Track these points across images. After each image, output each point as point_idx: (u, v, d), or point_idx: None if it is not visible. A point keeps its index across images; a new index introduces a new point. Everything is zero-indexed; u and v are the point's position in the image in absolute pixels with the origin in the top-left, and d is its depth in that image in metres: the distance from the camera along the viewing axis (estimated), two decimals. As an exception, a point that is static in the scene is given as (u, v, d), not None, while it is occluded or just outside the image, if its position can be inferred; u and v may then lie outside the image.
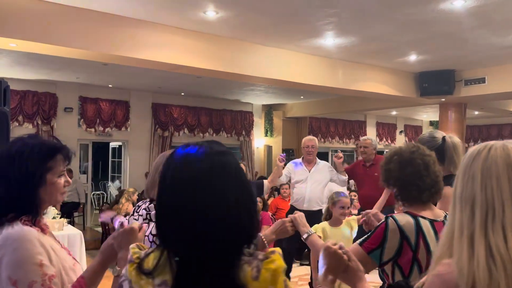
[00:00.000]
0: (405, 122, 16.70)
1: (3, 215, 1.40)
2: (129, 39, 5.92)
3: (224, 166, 1.04)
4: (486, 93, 8.99)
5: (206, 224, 0.99)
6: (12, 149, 1.45)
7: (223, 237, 0.99)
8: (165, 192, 1.06)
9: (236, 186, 1.04)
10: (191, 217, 0.99)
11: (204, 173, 1.02)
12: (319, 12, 5.64)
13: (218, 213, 0.99)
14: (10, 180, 1.41)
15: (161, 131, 11.47)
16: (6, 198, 1.41)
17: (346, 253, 1.33)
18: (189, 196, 1.00)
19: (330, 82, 8.25)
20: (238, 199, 1.02)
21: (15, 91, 9.23)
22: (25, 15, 5.14)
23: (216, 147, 1.08)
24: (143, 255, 1.08)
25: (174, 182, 1.04)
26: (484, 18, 5.82)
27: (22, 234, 1.35)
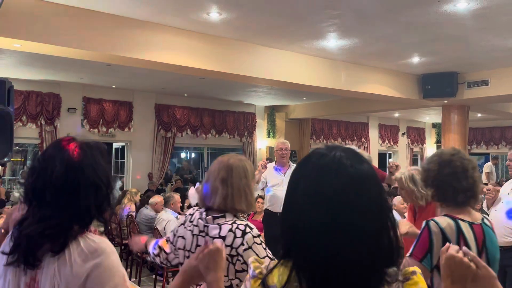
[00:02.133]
0: (408, 124, 16.68)
1: (71, 228, 1.28)
2: (133, 40, 5.95)
3: (366, 179, 0.96)
4: (489, 95, 8.97)
5: (346, 246, 0.90)
6: (85, 153, 1.34)
7: (365, 261, 0.90)
8: (297, 205, 0.97)
9: (377, 202, 0.95)
10: (329, 237, 0.91)
11: (344, 188, 0.93)
12: (322, 13, 5.65)
13: (359, 234, 0.91)
14: (99, 186, 1.32)
15: (164, 132, 11.50)
16: (92, 206, 1.31)
17: (473, 260, 1.17)
18: (328, 214, 0.92)
19: (333, 84, 8.26)
20: (380, 217, 0.94)
21: (19, 91, 9.26)
22: (29, 16, 5.17)
23: (354, 157, 0.99)
24: (265, 270, 1.01)
25: (309, 196, 0.95)
26: (487, 20, 5.81)
27: (107, 245, 1.29)
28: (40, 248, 1.26)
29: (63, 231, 1.26)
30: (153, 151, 11.36)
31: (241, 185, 1.95)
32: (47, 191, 1.29)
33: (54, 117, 9.94)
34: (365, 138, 15.26)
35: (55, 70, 8.55)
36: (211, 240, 1.85)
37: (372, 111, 13.02)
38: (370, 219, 0.92)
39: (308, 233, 0.93)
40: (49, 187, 1.29)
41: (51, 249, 1.25)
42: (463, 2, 5.18)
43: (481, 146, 16.81)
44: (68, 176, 1.29)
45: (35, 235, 1.26)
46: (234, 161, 2.00)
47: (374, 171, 0.99)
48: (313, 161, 0.99)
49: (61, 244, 1.25)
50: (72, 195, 1.29)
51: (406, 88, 9.33)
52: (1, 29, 4.04)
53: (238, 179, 1.95)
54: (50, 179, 1.29)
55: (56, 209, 1.28)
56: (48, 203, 1.29)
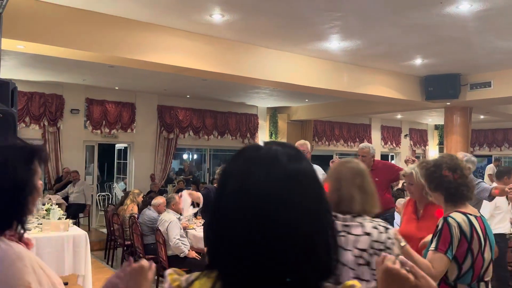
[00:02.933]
0: (410, 126, 16.65)
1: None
2: (135, 42, 5.96)
3: (304, 177, 0.83)
4: (492, 97, 8.96)
5: (277, 255, 0.78)
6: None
7: (297, 273, 0.78)
8: (223, 208, 0.84)
9: (315, 205, 0.83)
10: (257, 245, 0.78)
11: (277, 186, 0.80)
12: (325, 15, 5.66)
13: (293, 242, 0.78)
14: (2, 189, 1.26)
15: (167, 133, 11.52)
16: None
17: (412, 270, 1.03)
18: (256, 217, 0.79)
19: (335, 86, 8.26)
20: (318, 222, 0.82)
21: (22, 92, 9.30)
22: (32, 18, 5.19)
23: (292, 152, 0.86)
24: (184, 283, 0.90)
25: (236, 196, 0.82)
26: (490, 22, 5.81)
27: (11, 253, 1.22)
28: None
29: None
30: (156, 152, 11.38)
31: (373, 189, 2.03)
32: None
33: (57, 118, 9.97)
34: (367, 139, 15.24)
35: (58, 71, 8.58)
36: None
37: (375, 112, 13.01)
38: (306, 224, 0.80)
39: (233, 240, 0.79)
40: None
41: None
42: (466, 4, 5.18)
43: (484, 148, 16.77)
44: None
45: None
46: (363, 166, 2.08)
47: (314, 171, 0.86)
48: (244, 156, 0.86)
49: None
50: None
51: (408, 89, 9.32)
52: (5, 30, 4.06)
53: (371, 184, 2.03)
54: None
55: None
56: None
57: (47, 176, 9.97)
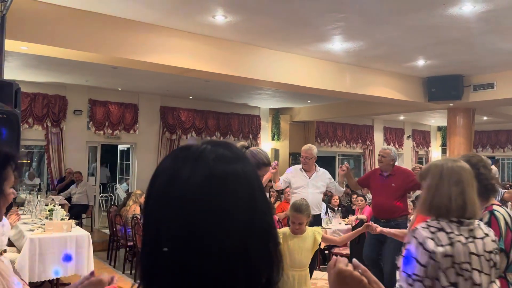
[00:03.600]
0: (413, 127, 16.62)
1: None
2: (138, 43, 5.98)
3: (233, 178, 0.73)
4: (495, 98, 8.94)
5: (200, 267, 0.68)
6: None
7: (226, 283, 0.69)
8: (148, 211, 0.75)
9: (246, 211, 0.72)
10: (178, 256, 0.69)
11: (199, 188, 0.70)
12: (327, 16, 5.66)
13: (218, 252, 0.69)
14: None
15: (169, 134, 11.53)
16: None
17: (364, 274, 0.97)
18: (177, 222, 0.70)
19: (338, 87, 8.25)
20: (247, 234, 0.71)
21: (26, 93, 9.33)
22: (36, 19, 5.21)
23: (225, 151, 0.76)
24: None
25: (159, 197, 0.73)
26: (493, 23, 5.80)
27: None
28: None
29: None
30: (158, 153, 11.39)
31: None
32: None
33: (60, 119, 10.00)
34: (370, 141, 15.23)
35: (61, 72, 8.61)
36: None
37: (377, 114, 12.99)
38: (234, 235, 0.69)
39: (153, 251, 0.70)
40: None
41: None
42: (469, 5, 5.17)
43: (487, 149, 16.72)
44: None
45: None
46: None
47: (253, 177, 0.75)
48: (173, 154, 0.77)
49: None
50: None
51: (411, 91, 9.31)
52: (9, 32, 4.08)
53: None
54: None
55: None
56: None
57: (49, 176, 9.99)
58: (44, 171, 10.55)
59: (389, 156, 5.04)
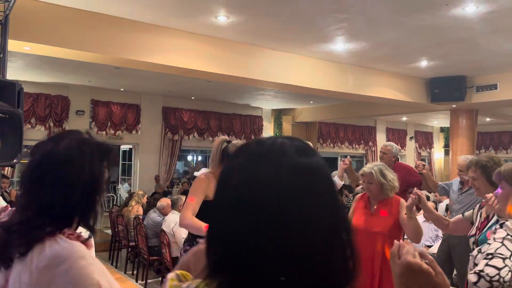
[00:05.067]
0: (416, 128, 16.59)
1: (41, 228, 1.11)
2: (141, 43, 5.98)
3: (317, 172, 0.71)
4: (498, 99, 8.91)
5: (282, 263, 0.66)
6: (65, 148, 1.19)
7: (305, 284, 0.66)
8: (224, 209, 0.72)
9: (330, 206, 0.70)
10: (261, 252, 0.67)
11: (285, 184, 0.68)
12: (330, 17, 5.65)
13: (303, 250, 0.67)
14: (72, 185, 1.16)
15: (171, 135, 11.54)
16: (61, 206, 1.15)
17: (431, 264, 0.91)
18: (261, 220, 0.67)
19: (340, 87, 8.24)
20: (334, 227, 0.69)
21: (28, 93, 9.36)
22: (38, 19, 5.22)
23: (301, 145, 0.74)
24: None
25: (239, 195, 0.71)
26: (496, 24, 5.78)
27: (74, 250, 1.11)
28: (9, 245, 1.12)
29: (29, 228, 1.11)
30: (160, 153, 11.40)
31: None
32: (23, 179, 1.21)
33: (62, 119, 10.01)
34: (372, 142, 15.20)
35: (63, 72, 8.63)
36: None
37: (380, 114, 12.98)
38: (321, 227, 0.68)
39: (235, 246, 0.69)
40: (25, 174, 1.20)
41: (17, 250, 1.10)
42: (472, 5, 5.16)
43: (490, 150, 16.67)
44: (40, 164, 1.18)
45: (5, 228, 1.14)
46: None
47: (327, 167, 0.74)
48: (247, 151, 0.75)
49: (25, 244, 1.10)
50: (36, 186, 1.16)
51: (414, 92, 9.29)
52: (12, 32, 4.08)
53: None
54: (28, 165, 1.20)
55: (26, 201, 1.17)
56: (22, 193, 1.19)
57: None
58: (46, 171, 10.56)
59: (391, 153, 5.01)
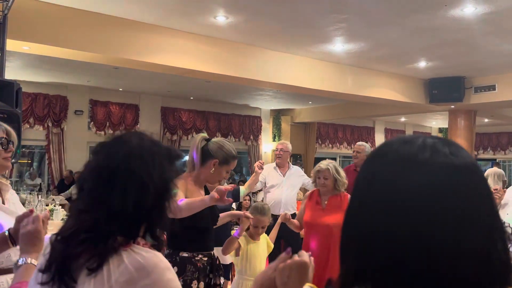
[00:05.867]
0: (414, 129, 16.60)
1: (112, 237, 1.00)
2: (140, 43, 5.98)
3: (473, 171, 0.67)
4: (496, 100, 8.93)
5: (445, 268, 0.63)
6: (139, 148, 1.09)
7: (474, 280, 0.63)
8: (370, 212, 0.68)
9: (486, 207, 0.66)
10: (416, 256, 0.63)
11: (441, 186, 0.65)
12: (329, 17, 5.66)
13: (465, 253, 0.63)
14: (146, 188, 1.04)
15: (170, 135, 11.54)
16: (134, 212, 1.03)
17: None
18: (416, 223, 0.64)
19: (339, 88, 8.25)
20: (490, 228, 0.65)
21: (27, 93, 9.34)
22: (37, 19, 5.21)
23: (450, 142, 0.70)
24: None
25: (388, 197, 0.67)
26: (495, 25, 5.79)
27: (159, 261, 1.02)
28: (69, 258, 0.99)
29: (99, 237, 0.99)
30: (159, 153, 11.39)
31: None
32: (85, 180, 1.08)
33: (61, 119, 10.00)
34: (371, 142, 15.21)
35: (62, 72, 8.62)
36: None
37: (378, 115, 12.99)
38: (477, 232, 0.64)
39: (387, 251, 0.65)
40: (87, 175, 1.08)
41: (86, 265, 0.98)
42: (471, 6, 5.17)
43: (488, 151, 16.71)
44: (108, 163, 1.06)
45: (68, 238, 1.01)
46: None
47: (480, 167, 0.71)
48: (393, 149, 0.71)
49: (98, 257, 0.98)
50: (104, 189, 1.04)
51: (412, 92, 9.30)
52: (10, 31, 4.07)
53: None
54: (92, 165, 1.09)
55: (89, 205, 1.04)
56: (86, 195, 1.06)
57: (50, 177, 9.99)
58: (44, 171, 10.55)
59: (364, 152, 5.18)
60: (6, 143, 1.80)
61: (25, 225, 1.36)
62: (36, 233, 1.35)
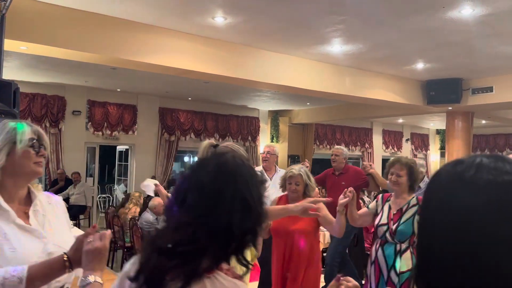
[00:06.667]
0: (412, 130, 16.64)
1: (205, 254, 1.01)
2: (138, 44, 5.97)
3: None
4: (494, 102, 8.95)
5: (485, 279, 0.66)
6: (240, 168, 1.13)
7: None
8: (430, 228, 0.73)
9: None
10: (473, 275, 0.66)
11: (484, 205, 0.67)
12: (327, 19, 5.67)
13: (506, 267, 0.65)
14: (249, 208, 1.07)
15: (168, 136, 11.52)
16: (237, 230, 1.05)
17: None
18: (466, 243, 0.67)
19: (337, 89, 8.26)
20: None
21: (24, 93, 9.32)
22: (35, 19, 5.20)
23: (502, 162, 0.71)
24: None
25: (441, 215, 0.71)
26: (493, 27, 5.81)
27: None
28: (163, 273, 1.00)
29: (196, 252, 1.00)
30: (157, 154, 11.38)
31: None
32: (189, 192, 1.09)
33: (58, 119, 9.98)
34: (368, 143, 15.24)
35: (60, 73, 8.60)
36: None
37: (376, 116, 13.01)
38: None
39: (445, 267, 0.68)
40: (192, 189, 1.09)
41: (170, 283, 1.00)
42: (468, 8, 5.18)
43: (485, 152, 16.73)
44: (216, 179, 1.09)
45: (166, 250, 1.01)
46: None
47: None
48: (446, 169, 0.75)
49: (183, 278, 0.99)
50: (211, 204, 1.06)
51: (410, 94, 9.32)
52: (8, 31, 4.07)
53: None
54: (196, 180, 1.11)
55: (194, 218, 1.04)
56: (188, 207, 1.07)
57: (47, 177, 9.97)
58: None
59: (342, 155, 5.26)
60: (37, 146, 1.60)
61: (91, 241, 1.34)
62: (104, 251, 1.34)
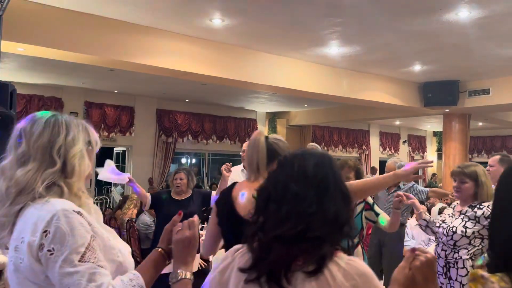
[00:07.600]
0: (409, 132, 16.67)
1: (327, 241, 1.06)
2: (135, 45, 5.97)
3: None
4: (490, 104, 8.99)
5: None
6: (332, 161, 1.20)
7: None
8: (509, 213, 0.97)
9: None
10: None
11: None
12: (324, 21, 5.68)
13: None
14: (347, 198, 1.14)
15: (165, 137, 11.51)
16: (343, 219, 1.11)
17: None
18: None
19: (334, 91, 8.27)
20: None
21: (21, 95, 9.28)
22: (32, 20, 5.20)
23: None
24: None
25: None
26: (489, 29, 5.83)
27: (370, 270, 1.09)
28: (292, 261, 1.03)
29: (323, 239, 1.04)
30: (154, 156, 11.36)
31: None
32: (292, 183, 1.11)
33: (55, 121, 9.95)
34: (366, 145, 15.26)
35: (57, 74, 8.58)
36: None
37: (373, 118, 13.03)
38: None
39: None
40: (295, 179, 1.12)
41: (303, 268, 1.03)
42: (465, 11, 5.20)
43: (482, 154, 16.80)
44: (317, 172, 1.13)
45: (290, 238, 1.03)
46: None
47: None
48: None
49: (319, 260, 1.03)
50: (321, 191, 1.10)
51: (407, 96, 9.34)
52: (5, 33, 4.06)
53: None
54: (297, 170, 1.14)
55: (313, 208, 1.08)
56: (293, 197, 1.09)
57: (45, 179, 9.93)
58: (39, 173, 10.48)
59: None
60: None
61: (180, 230, 1.27)
62: (193, 240, 1.27)
